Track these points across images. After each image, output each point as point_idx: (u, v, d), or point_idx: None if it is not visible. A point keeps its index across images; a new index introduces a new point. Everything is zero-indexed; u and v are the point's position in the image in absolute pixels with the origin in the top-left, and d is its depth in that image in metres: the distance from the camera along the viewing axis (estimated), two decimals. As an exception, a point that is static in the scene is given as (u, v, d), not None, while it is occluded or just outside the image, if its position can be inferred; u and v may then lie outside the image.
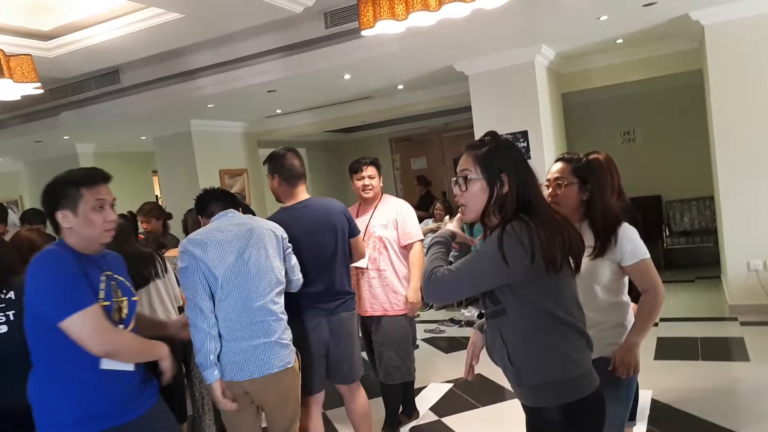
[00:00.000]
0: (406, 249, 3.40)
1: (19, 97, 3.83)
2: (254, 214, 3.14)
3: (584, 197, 2.13)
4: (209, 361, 2.30)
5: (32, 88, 3.69)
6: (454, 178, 1.66)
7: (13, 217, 6.00)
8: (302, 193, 2.89)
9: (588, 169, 2.15)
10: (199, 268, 2.33)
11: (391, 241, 3.35)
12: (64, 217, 1.85)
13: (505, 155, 1.61)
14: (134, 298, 1.99)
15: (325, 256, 2.82)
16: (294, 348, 2.53)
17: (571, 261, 1.61)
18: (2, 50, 3.53)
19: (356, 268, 3.25)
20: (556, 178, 2.17)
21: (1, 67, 3.49)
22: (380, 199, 3.48)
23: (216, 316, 2.34)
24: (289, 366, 2.45)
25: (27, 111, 6.36)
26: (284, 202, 2.90)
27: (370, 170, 3.40)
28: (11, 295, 2.38)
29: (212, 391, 2.35)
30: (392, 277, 3.33)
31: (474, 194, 1.61)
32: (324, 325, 2.81)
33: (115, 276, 1.95)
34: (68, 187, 1.86)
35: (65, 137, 7.46)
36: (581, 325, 1.62)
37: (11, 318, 2.36)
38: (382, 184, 3.49)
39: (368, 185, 3.39)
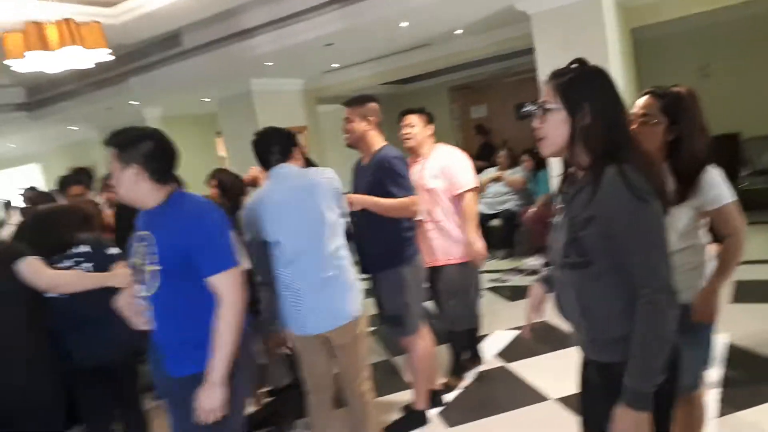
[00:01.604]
0: (459, 198, 3.32)
1: (93, 65, 3.99)
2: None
3: (669, 138, 1.97)
4: (274, 314, 2.57)
5: (104, 55, 3.83)
6: (534, 109, 1.54)
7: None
8: (382, 138, 3.00)
9: (680, 109, 1.96)
10: (259, 236, 2.46)
11: (444, 192, 3.30)
12: None
13: (589, 84, 1.47)
14: (149, 268, 1.88)
15: None
16: (362, 293, 2.62)
17: None
18: (73, 19, 3.67)
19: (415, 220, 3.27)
20: (642, 114, 1.99)
21: (72, 35, 3.64)
22: (432, 149, 3.41)
23: (288, 275, 2.47)
24: (359, 313, 2.56)
25: (96, 79, 6.62)
26: (365, 147, 2.98)
27: (409, 119, 3.36)
28: (86, 248, 2.55)
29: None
30: (449, 226, 3.31)
31: (553, 125, 1.49)
32: (422, 257, 3.05)
33: (153, 236, 1.89)
34: None
35: (134, 103, 7.74)
36: None
37: (90, 270, 2.54)
38: (430, 133, 3.41)
39: (406, 134, 3.36)
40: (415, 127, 3.35)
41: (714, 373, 3.06)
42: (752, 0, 5.61)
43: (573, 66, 1.52)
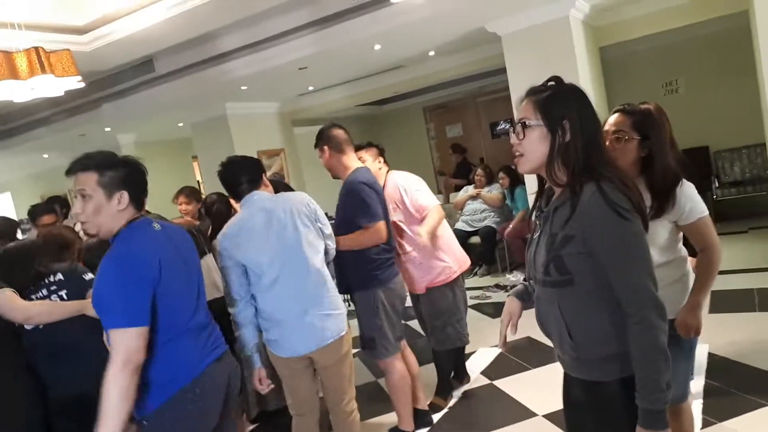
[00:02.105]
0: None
1: (62, 93, 3.94)
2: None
3: (642, 154, 2.02)
4: (249, 350, 2.47)
5: (75, 83, 3.78)
6: (511, 126, 1.54)
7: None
8: (354, 161, 2.99)
9: (650, 124, 2.02)
10: (238, 264, 2.41)
11: (404, 222, 3.25)
12: None
13: (568, 101, 1.47)
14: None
15: (386, 216, 2.97)
16: (345, 313, 2.60)
17: None
18: (42, 47, 3.62)
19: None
20: (614, 131, 2.03)
21: (42, 64, 3.59)
22: (386, 179, 3.34)
23: (271, 299, 2.43)
24: (344, 333, 2.55)
25: (69, 106, 6.53)
26: (340, 173, 2.97)
27: (358, 155, 3.26)
28: (60, 276, 2.50)
29: (252, 376, 2.49)
30: (419, 255, 3.28)
31: (532, 142, 1.48)
32: (402, 280, 3.01)
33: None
34: None
35: (107, 129, 7.65)
36: None
37: (65, 298, 2.48)
38: (381, 165, 3.35)
39: None
40: (366, 162, 3.28)
41: (696, 384, 3.09)
42: (714, 18, 5.82)
43: (550, 83, 1.53)
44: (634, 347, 1.38)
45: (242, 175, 2.51)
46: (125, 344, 1.71)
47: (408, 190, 3.25)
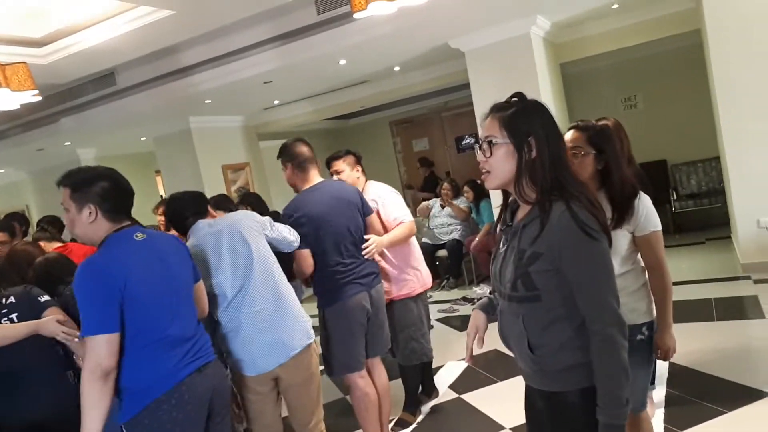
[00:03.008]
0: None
1: (18, 106, 3.83)
2: (264, 204, 3.21)
3: (599, 167, 2.08)
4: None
5: (30, 96, 3.68)
6: (478, 144, 1.52)
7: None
8: (315, 177, 2.96)
9: (604, 138, 2.08)
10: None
11: (378, 234, 3.20)
12: None
13: (533, 117, 1.48)
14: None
15: (348, 233, 2.89)
16: (309, 321, 2.61)
17: None
18: (-3, 60, 3.52)
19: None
20: (571, 148, 2.07)
21: (-3, 77, 3.48)
22: (363, 189, 3.30)
23: (231, 318, 2.44)
24: (311, 341, 2.56)
25: (26, 120, 6.36)
26: (300, 189, 2.97)
27: (335, 165, 3.31)
28: (12, 299, 2.41)
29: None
30: (389, 267, 3.29)
31: (499, 159, 1.48)
32: (366, 298, 2.91)
33: None
34: None
35: (66, 143, 7.46)
36: None
37: (14, 321, 2.38)
38: (359, 174, 3.34)
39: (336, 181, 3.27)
40: (343, 172, 3.28)
41: (658, 393, 3.14)
42: (670, 36, 6.03)
43: (514, 100, 1.53)
44: (597, 363, 1.41)
45: (186, 210, 2.56)
46: (92, 351, 1.79)
47: (385, 202, 3.26)
